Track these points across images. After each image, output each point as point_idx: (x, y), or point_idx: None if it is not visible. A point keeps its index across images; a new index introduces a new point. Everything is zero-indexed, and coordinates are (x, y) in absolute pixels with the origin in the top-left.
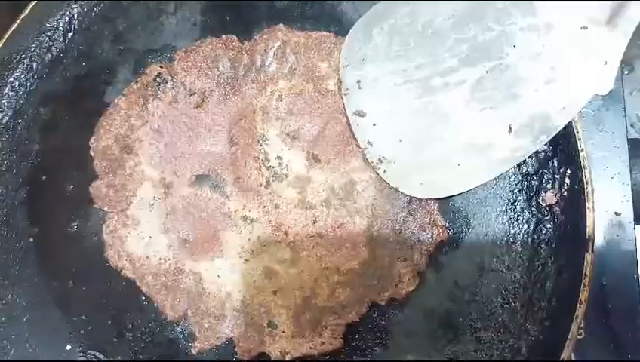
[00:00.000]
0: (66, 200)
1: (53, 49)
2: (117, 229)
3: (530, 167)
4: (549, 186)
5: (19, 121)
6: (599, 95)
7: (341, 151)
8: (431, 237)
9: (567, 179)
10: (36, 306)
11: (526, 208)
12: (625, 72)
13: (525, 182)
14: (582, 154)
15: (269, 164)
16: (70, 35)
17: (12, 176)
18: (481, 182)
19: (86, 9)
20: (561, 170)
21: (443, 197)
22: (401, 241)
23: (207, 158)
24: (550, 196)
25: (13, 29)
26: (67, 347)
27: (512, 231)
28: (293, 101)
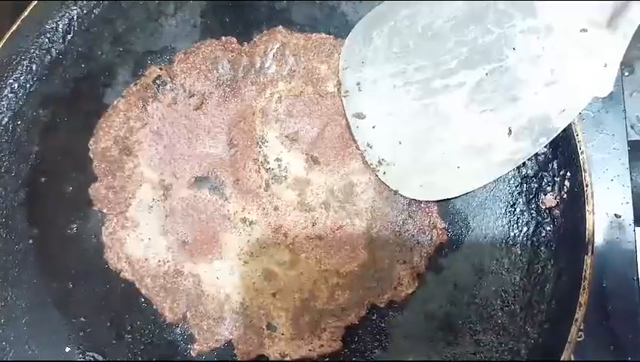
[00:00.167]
0: (65, 201)
1: (53, 50)
2: (116, 231)
3: (529, 169)
4: (549, 189)
5: (18, 122)
6: (599, 97)
7: (340, 153)
8: (430, 240)
9: (567, 182)
10: (35, 308)
11: (526, 210)
12: (625, 74)
13: (525, 185)
14: (582, 156)
15: (269, 166)
16: (70, 36)
17: (11, 178)
18: (480, 185)
19: (85, 10)
20: (561, 172)
21: (443, 200)
22: (401, 243)
23: (207, 160)
24: (550, 198)
25: (12, 31)
26: (66, 348)
27: (512, 234)
28: (292, 103)
